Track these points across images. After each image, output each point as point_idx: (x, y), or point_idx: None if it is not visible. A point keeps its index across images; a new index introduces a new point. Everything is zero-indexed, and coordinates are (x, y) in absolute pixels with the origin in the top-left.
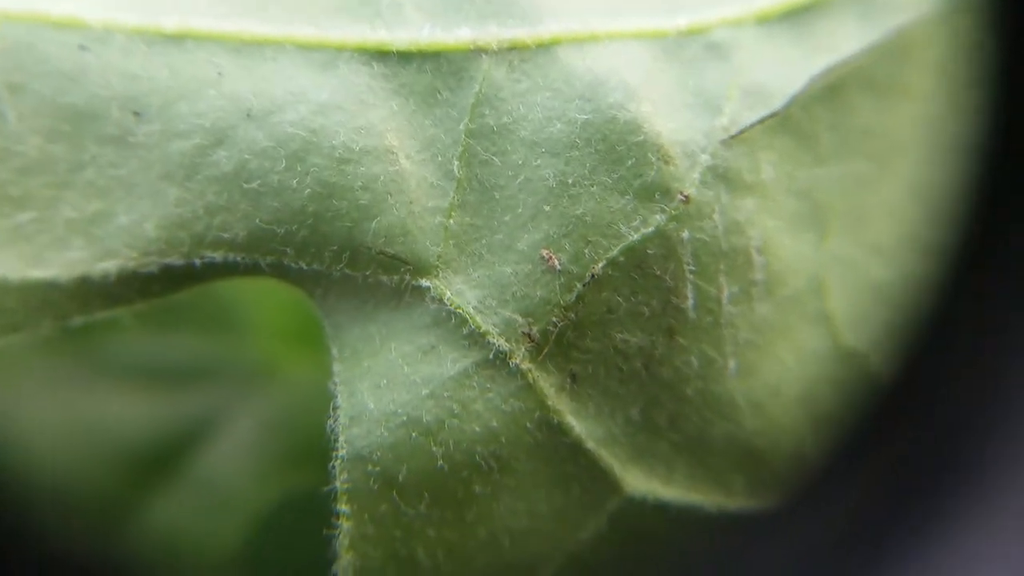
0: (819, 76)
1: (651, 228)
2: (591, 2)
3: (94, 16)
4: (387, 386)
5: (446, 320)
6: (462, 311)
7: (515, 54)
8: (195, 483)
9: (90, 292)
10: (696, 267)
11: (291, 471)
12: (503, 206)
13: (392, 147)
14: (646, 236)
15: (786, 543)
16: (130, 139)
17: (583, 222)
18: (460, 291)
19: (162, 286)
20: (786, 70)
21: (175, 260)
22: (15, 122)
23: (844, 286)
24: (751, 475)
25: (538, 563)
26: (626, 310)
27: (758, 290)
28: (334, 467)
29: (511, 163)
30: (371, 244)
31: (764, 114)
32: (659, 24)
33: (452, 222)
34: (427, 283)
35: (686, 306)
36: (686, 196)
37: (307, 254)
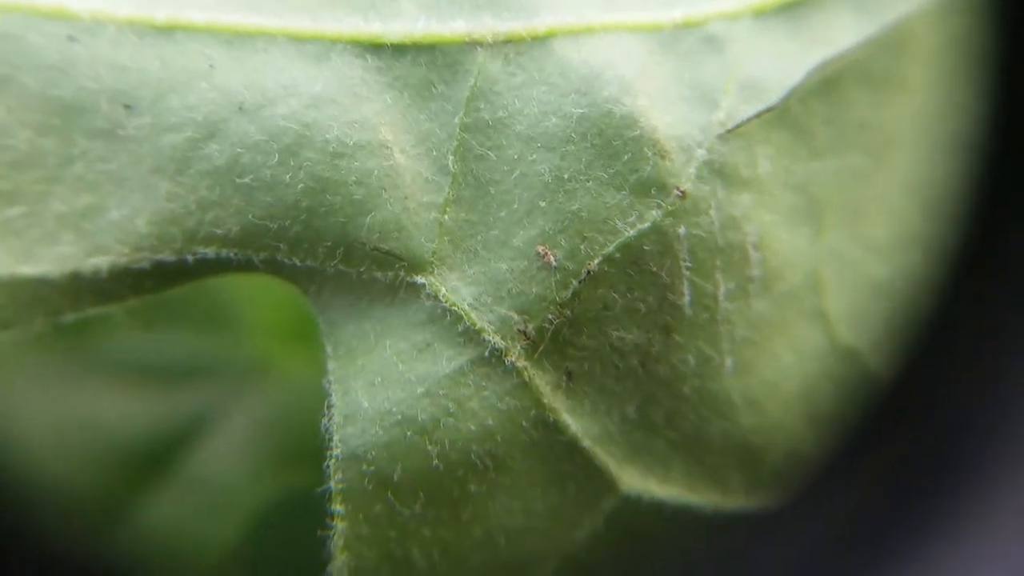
0: (815, 70)
1: (647, 224)
2: None
3: (83, 7)
4: (382, 384)
5: (441, 317)
6: (457, 308)
7: (510, 47)
8: (189, 481)
9: (81, 288)
10: (692, 263)
11: (286, 469)
12: (498, 202)
13: (386, 141)
14: (642, 232)
15: (785, 542)
16: (120, 132)
17: (579, 218)
18: (455, 288)
19: (154, 282)
20: (782, 64)
21: (167, 256)
22: (4, 115)
23: (841, 283)
24: (748, 473)
25: (534, 562)
26: (622, 307)
27: (755, 286)
28: (328, 467)
29: (506, 158)
30: (365, 240)
31: (761, 108)
32: (655, 17)
33: (447, 218)
34: (422, 280)
35: (682, 303)
36: (682, 191)
37: (301, 250)
